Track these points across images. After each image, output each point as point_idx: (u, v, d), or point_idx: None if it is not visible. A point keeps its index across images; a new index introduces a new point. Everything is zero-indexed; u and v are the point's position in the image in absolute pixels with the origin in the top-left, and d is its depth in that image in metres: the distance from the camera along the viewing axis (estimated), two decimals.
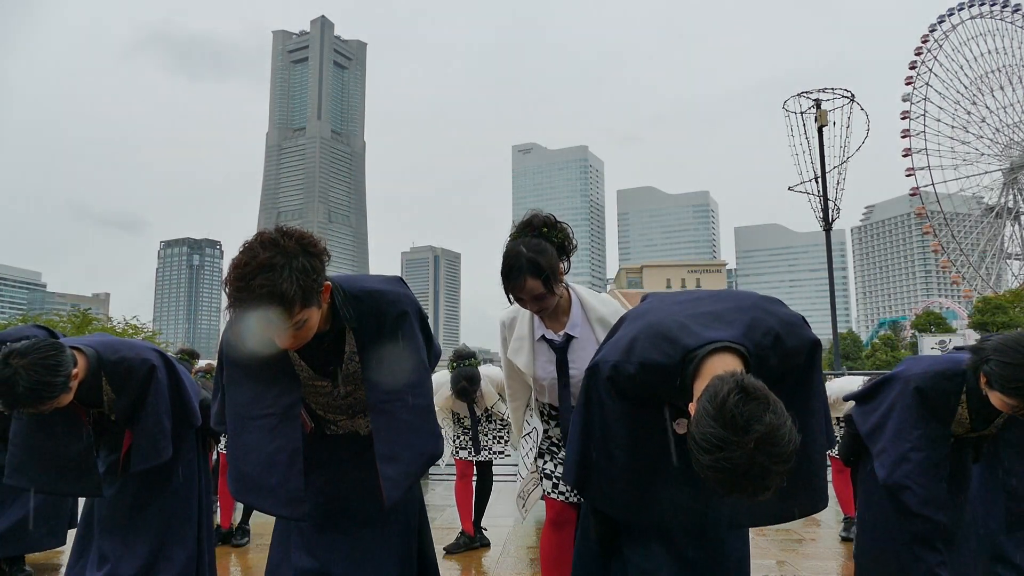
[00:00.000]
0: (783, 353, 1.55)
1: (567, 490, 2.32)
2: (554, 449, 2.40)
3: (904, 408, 2.32)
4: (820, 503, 1.66)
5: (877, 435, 2.44)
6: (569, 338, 2.29)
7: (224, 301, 1.54)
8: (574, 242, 2.23)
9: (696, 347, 1.48)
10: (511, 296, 2.19)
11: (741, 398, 1.23)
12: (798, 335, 1.58)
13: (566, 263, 2.21)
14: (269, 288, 1.46)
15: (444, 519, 5.11)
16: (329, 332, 1.74)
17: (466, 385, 4.02)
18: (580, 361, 2.24)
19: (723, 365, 1.41)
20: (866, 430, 2.49)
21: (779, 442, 1.21)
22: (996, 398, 2.05)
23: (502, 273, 2.15)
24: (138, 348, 2.50)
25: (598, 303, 2.34)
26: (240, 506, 4.64)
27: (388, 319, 1.77)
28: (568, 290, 2.33)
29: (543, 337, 2.32)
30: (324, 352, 1.78)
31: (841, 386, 4.56)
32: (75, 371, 2.20)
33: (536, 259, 2.09)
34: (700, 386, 1.40)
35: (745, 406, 1.22)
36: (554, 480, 2.36)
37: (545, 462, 2.40)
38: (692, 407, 1.34)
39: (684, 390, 1.49)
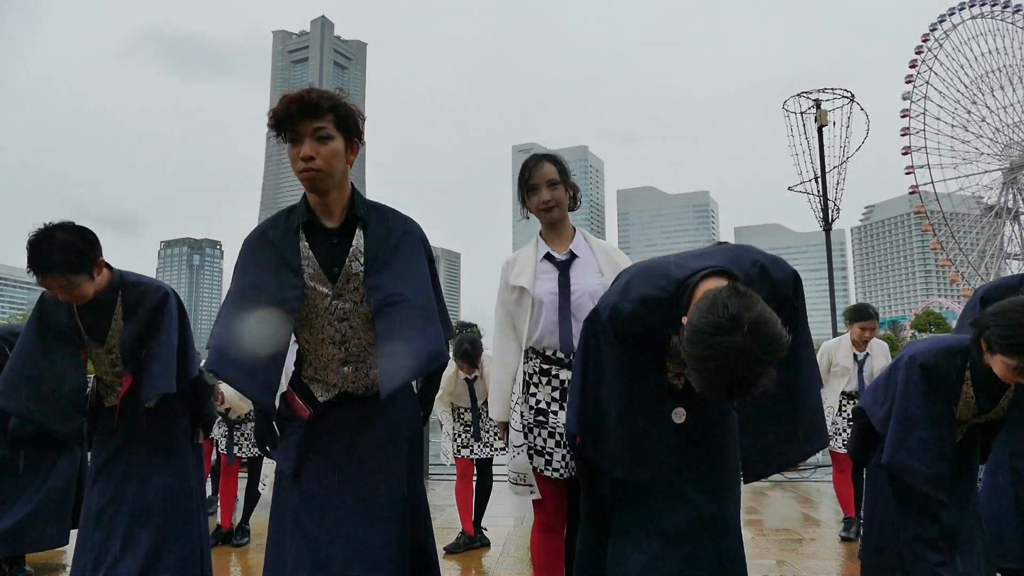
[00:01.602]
0: (770, 283, 1.63)
1: (561, 466, 2.23)
2: (542, 419, 2.28)
3: (910, 386, 2.30)
4: (826, 438, 1.77)
5: (888, 418, 2.42)
6: (572, 256, 2.35)
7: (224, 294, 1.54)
8: (579, 198, 2.43)
9: (689, 275, 1.58)
10: (526, 193, 2.36)
11: (733, 293, 1.35)
12: (781, 267, 1.69)
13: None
14: None
15: (444, 519, 5.11)
16: (341, 226, 1.77)
17: (469, 348, 4.07)
18: (581, 280, 2.31)
19: (717, 285, 1.48)
20: (880, 415, 2.46)
21: (770, 330, 1.30)
22: (998, 363, 2.04)
23: (521, 169, 2.37)
24: (156, 281, 2.58)
25: (602, 241, 2.47)
26: (240, 506, 4.64)
27: (398, 230, 1.82)
28: (574, 227, 2.46)
29: (547, 256, 2.37)
30: (332, 248, 1.78)
31: (830, 346, 4.70)
32: (102, 268, 2.36)
33: (553, 154, 2.37)
34: None
35: (737, 299, 1.34)
36: (546, 456, 2.25)
37: (535, 436, 2.28)
38: (687, 320, 1.42)
39: (681, 320, 1.54)
